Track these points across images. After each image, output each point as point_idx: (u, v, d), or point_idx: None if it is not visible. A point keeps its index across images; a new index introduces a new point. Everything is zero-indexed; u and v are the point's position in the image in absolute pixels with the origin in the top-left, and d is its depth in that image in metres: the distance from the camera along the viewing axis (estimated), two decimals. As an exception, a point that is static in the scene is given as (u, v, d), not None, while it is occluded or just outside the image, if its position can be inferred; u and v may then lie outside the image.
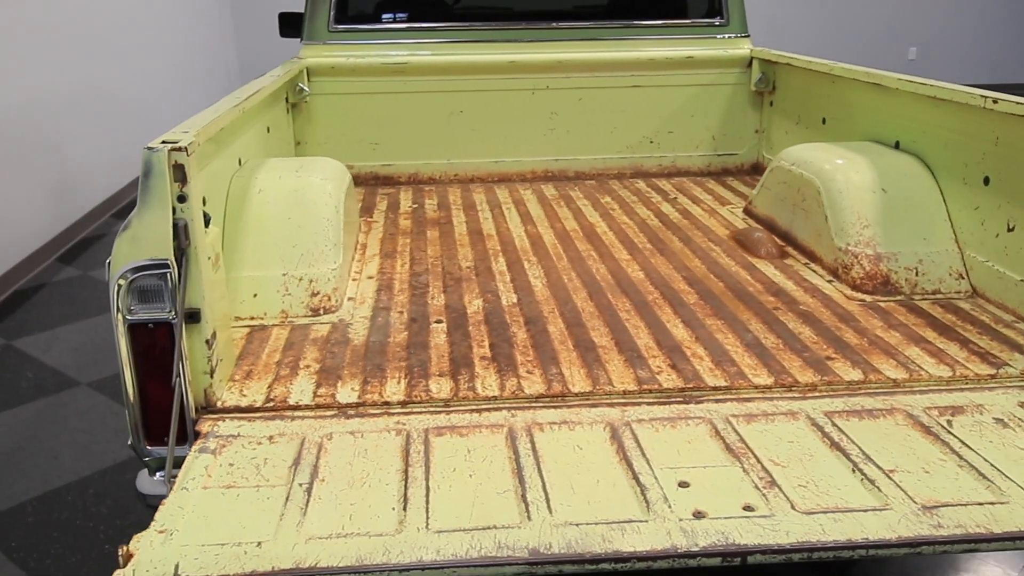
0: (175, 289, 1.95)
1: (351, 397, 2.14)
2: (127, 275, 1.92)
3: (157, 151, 1.90)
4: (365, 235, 3.46)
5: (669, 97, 4.33)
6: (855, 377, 2.21)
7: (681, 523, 1.63)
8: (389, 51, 4.22)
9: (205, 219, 2.12)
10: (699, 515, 1.65)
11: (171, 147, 1.92)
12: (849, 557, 1.56)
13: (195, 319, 2.02)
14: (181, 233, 1.94)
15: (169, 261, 1.93)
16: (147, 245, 1.93)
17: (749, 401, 2.11)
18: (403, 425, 2.01)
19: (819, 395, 2.13)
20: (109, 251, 4.17)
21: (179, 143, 1.94)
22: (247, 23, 10.88)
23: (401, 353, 2.38)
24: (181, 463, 1.88)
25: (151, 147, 1.91)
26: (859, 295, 2.73)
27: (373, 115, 4.27)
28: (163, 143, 1.94)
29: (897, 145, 3.13)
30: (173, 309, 1.96)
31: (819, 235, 2.99)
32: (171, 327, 1.96)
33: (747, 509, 1.67)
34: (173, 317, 1.96)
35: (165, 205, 1.93)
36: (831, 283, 2.84)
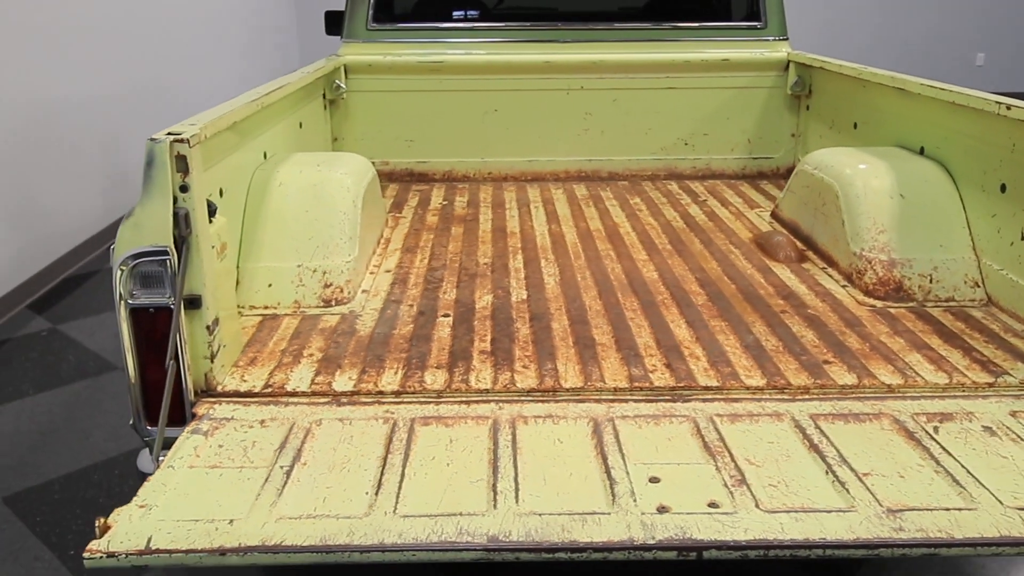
0: (175, 275, 2.03)
1: (347, 386, 2.20)
2: (128, 261, 2.00)
3: (159, 142, 1.98)
4: (391, 230, 3.53)
5: (705, 99, 4.33)
6: (849, 381, 2.20)
7: (643, 517, 1.65)
8: (425, 50, 4.29)
9: (211, 209, 2.20)
10: (663, 510, 1.68)
11: (173, 138, 2.00)
12: (806, 556, 1.57)
13: (196, 305, 2.09)
14: (182, 221, 2.02)
15: (169, 248, 2.01)
16: (148, 232, 2.01)
17: (737, 402, 2.12)
18: (392, 414, 2.06)
19: (809, 398, 2.13)
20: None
21: (182, 135, 2.02)
22: (310, 21, 11.05)
23: (403, 345, 2.43)
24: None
25: (154, 138, 1.99)
26: (871, 300, 2.72)
27: (409, 113, 4.33)
28: (168, 134, 2.02)
29: (922, 151, 3.10)
30: (173, 295, 2.03)
31: (836, 240, 2.97)
32: (171, 312, 2.04)
33: (712, 506, 1.69)
34: (173, 302, 2.03)
35: (166, 194, 2.00)
36: (845, 288, 2.82)
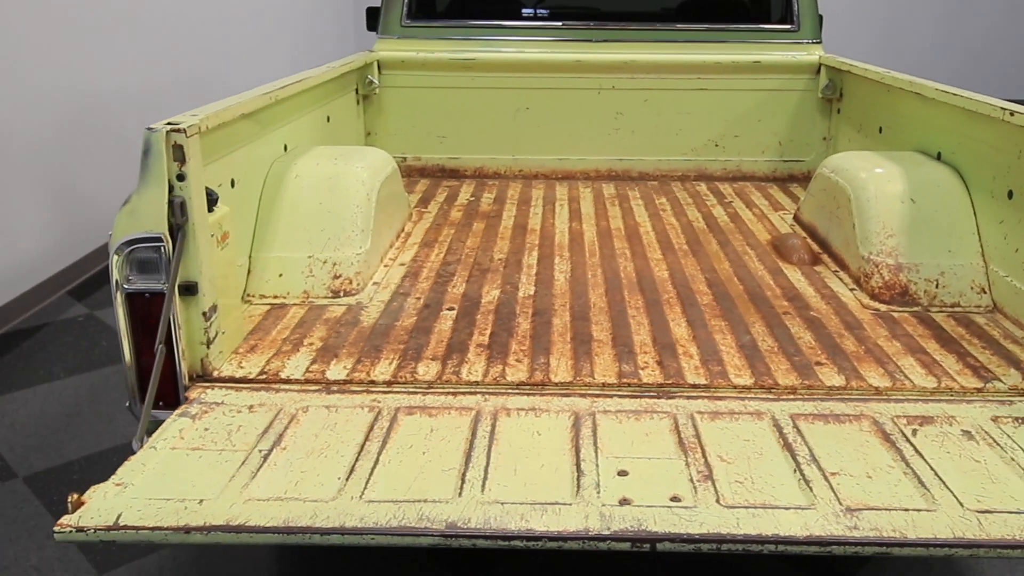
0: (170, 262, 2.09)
1: (340, 375, 2.25)
2: (123, 247, 2.07)
3: (155, 131, 2.05)
4: (414, 224, 3.58)
5: (736, 101, 4.31)
6: (837, 383, 2.20)
7: (603, 508, 1.67)
8: (459, 47, 4.33)
9: (212, 198, 2.26)
10: (624, 502, 1.69)
11: (170, 128, 2.06)
12: (758, 551, 1.58)
13: (192, 292, 2.16)
14: (177, 210, 2.08)
15: (163, 235, 2.07)
16: (143, 219, 2.07)
17: (721, 400, 2.12)
18: (378, 403, 2.11)
19: (794, 398, 2.13)
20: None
21: (180, 125, 2.08)
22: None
23: (403, 336, 2.47)
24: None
25: (151, 128, 2.05)
26: (875, 304, 2.70)
27: (441, 109, 4.38)
28: (167, 124, 2.09)
29: (939, 156, 3.07)
30: (167, 280, 2.10)
31: (848, 243, 2.96)
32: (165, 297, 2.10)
33: (673, 500, 1.71)
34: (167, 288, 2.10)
35: (161, 183, 2.07)
36: (853, 291, 2.80)
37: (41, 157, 4.64)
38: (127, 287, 2.10)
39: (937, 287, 2.71)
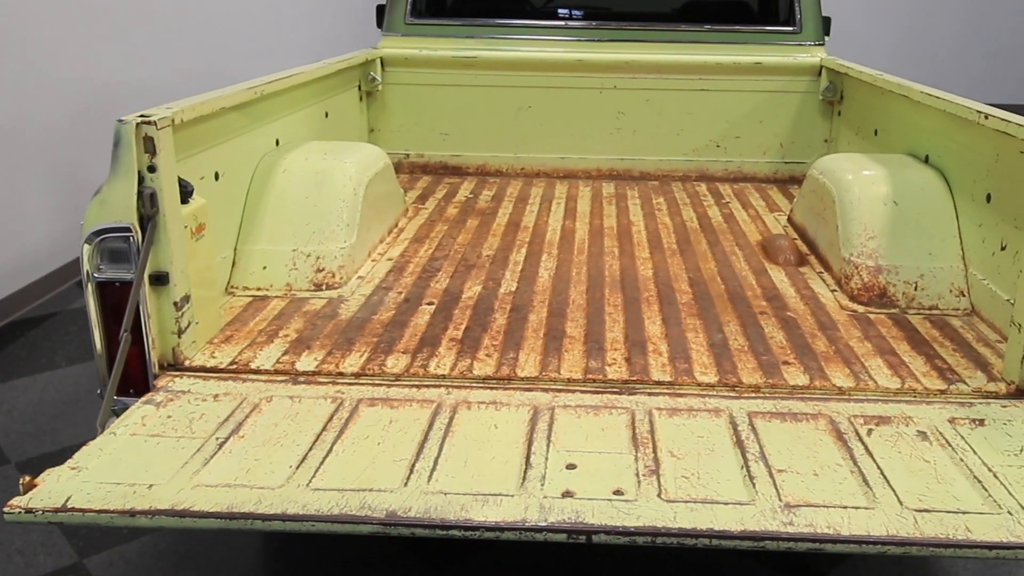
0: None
1: (309, 366, 2.28)
2: (92, 237, 2.11)
3: (126, 123, 2.09)
4: (409, 220, 3.61)
5: (737, 102, 4.31)
6: (800, 382, 2.20)
7: (543, 500, 1.69)
8: (461, 45, 4.36)
9: (187, 190, 2.30)
10: (567, 495, 1.71)
11: (140, 121, 2.10)
12: (692, 545, 1.60)
13: (162, 282, 2.20)
14: (147, 201, 2.12)
15: (132, 225, 2.11)
16: (113, 210, 2.12)
17: (682, 397, 2.13)
18: (342, 394, 2.14)
19: (755, 396, 2.14)
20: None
21: (151, 117, 2.12)
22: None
23: (378, 330, 2.50)
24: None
25: (122, 120, 2.10)
26: (854, 305, 2.70)
27: (444, 106, 4.41)
28: (139, 116, 2.13)
29: (927, 159, 3.06)
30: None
31: (832, 244, 2.95)
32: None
33: (616, 493, 1.72)
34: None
35: (131, 174, 2.11)
36: (834, 292, 2.80)
37: (51, 148, 4.72)
38: (97, 276, 2.15)
39: (916, 289, 2.70)
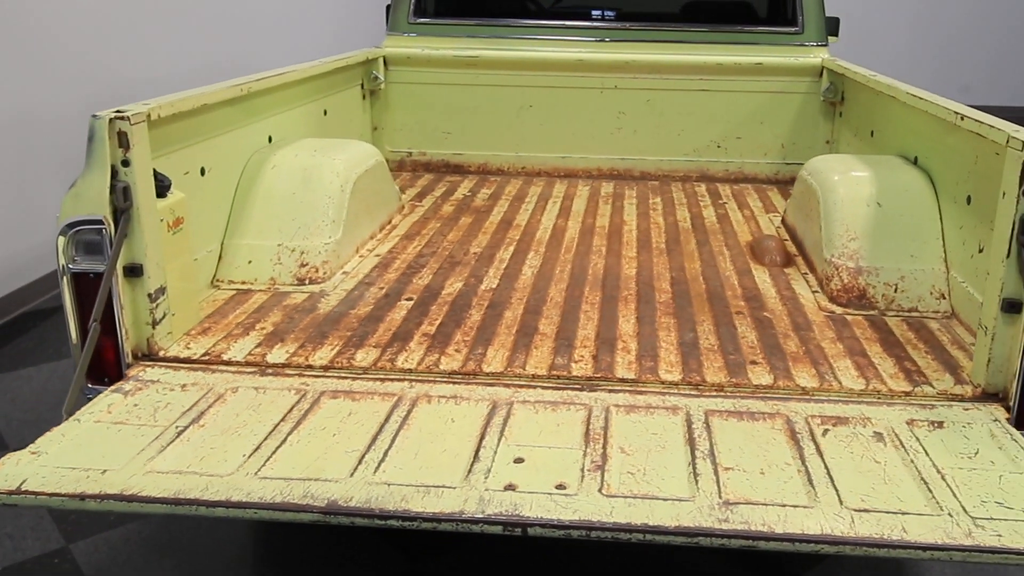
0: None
1: (280, 358, 2.32)
2: (67, 229, 2.16)
3: (99, 119, 2.14)
4: (403, 217, 3.64)
5: (738, 102, 4.31)
6: (764, 382, 2.21)
7: (485, 492, 1.72)
8: (463, 45, 4.39)
9: (164, 183, 2.35)
10: (509, 487, 1.73)
11: (114, 116, 2.15)
12: (627, 539, 1.61)
13: (136, 273, 2.24)
14: (120, 194, 2.17)
15: (104, 218, 2.16)
16: (86, 203, 2.16)
17: (642, 394, 2.15)
18: (306, 386, 2.17)
19: (716, 395, 2.15)
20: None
21: (125, 113, 2.17)
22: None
23: (353, 324, 2.54)
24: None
25: (96, 115, 2.14)
26: (832, 307, 2.69)
27: (446, 105, 4.45)
28: (114, 112, 2.18)
29: (916, 161, 3.05)
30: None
31: (816, 245, 2.95)
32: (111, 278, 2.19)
33: (558, 487, 1.74)
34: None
35: (104, 168, 2.16)
36: (815, 293, 2.80)
37: (63, 141, 4.81)
38: (72, 267, 2.20)
39: (896, 291, 2.69)
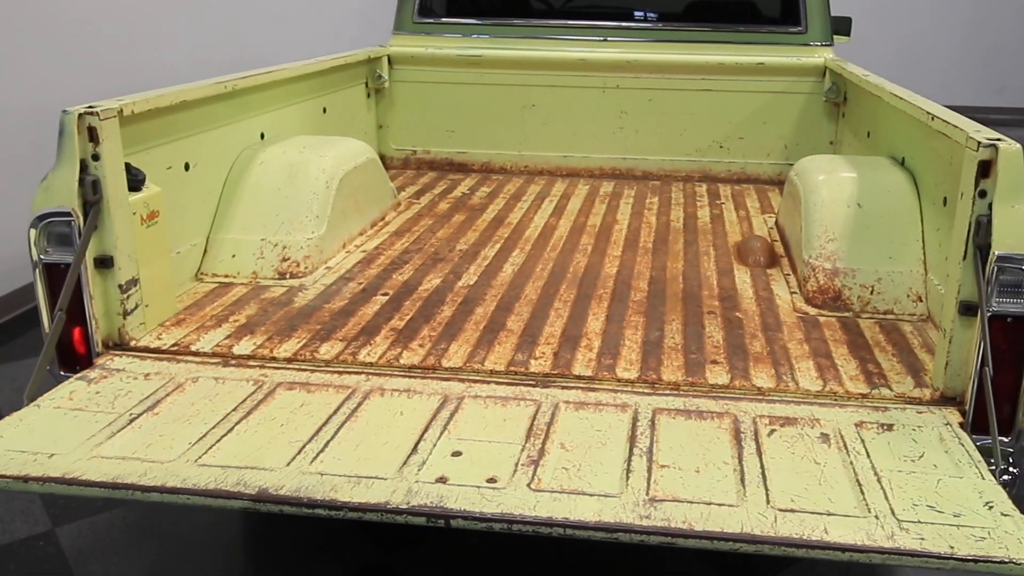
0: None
1: (246, 350, 2.36)
2: (37, 221, 2.23)
3: (69, 114, 2.20)
4: (397, 214, 3.68)
5: (741, 103, 4.29)
6: (721, 381, 2.22)
7: (414, 484, 1.74)
8: (467, 44, 4.43)
9: (139, 177, 2.40)
10: (441, 480, 1.76)
11: (83, 111, 2.21)
12: (547, 534, 1.63)
13: (107, 265, 2.30)
14: (89, 187, 2.23)
15: (73, 210, 2.22)
16: (56, 195, 2.22)
17: (595, 391, 2.16)
18: (265, 377, 2.21)
19: (669, 393, 2.16)
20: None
21: (95, 108, 2.23)
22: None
23: (324, 318, 2.58)
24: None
25: (66, 110, 2.20)
26: (807, 308, 2.69)
27: (450, 104, 4.48)
28: (87, 107, 2.24)
29: (903, 162, 3.02)
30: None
31: (798, 246, 2.94)
32: (81, 269, 2.25)
33: (489, 481, 1.76)
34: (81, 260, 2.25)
35: (73, 162, 2.21)
36: (793, 295, 2.80)
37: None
38: (44, 258, 2.26)
39: (872, 293, 2.68)
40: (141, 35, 5.39)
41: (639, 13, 4.41)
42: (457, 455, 1.86)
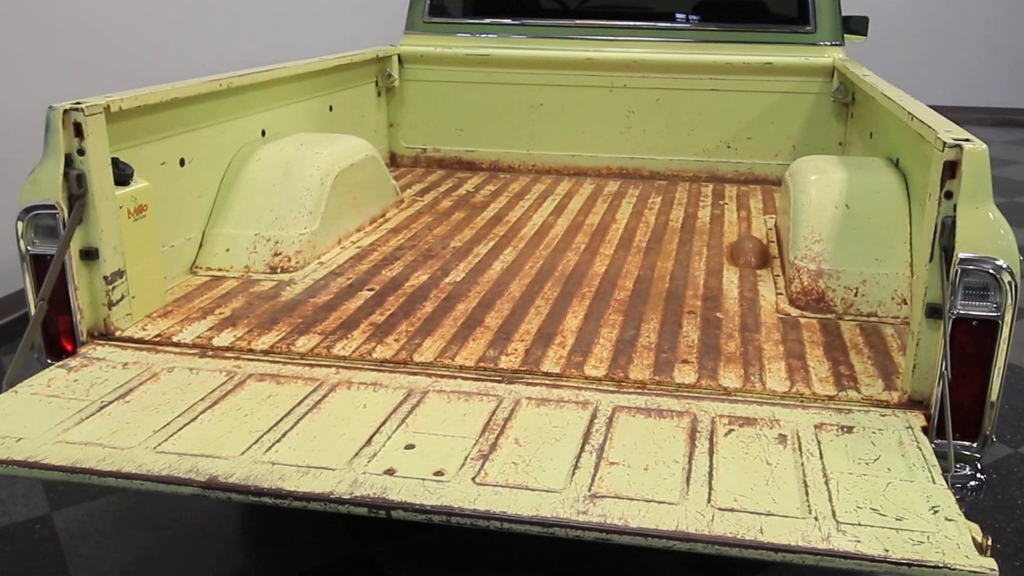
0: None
1: (225, 341, 2.41)
2: (24, 213, 2.29)
3: (54, 110, 2.26)
4: (399, 211, 3.72)
5: (749, 103, 4.28)
6: (688, 380, 2.22)
7: (360, 475, 1.78)
8: (476, 43, 4.46)
9: (126, 172, 2.47)
10: (389, 472, 1.79)
11: (68, 107, 2.27)
12: (485, 527, 1.66)
13: (92, 257, 2.37)
14: (74, 181, 2.29)
15: (57, 203, 2.28)
16: (42, 188, 2.29)
17: (559, 388, 2.18)
18: (238, 369, 2.26)
19: (633, 392, 2.17)
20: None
21: (80, 104, 2.29)
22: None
23: (307, 312, 2.62)
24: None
25: (52, 106, 2.27)
26: (789, 309, 2.68)
27: (459, 103, 4.52)
28: (73, 104, 2.30)
29: (897, 163, 3.01)
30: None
31: (787, 246, 2.94)
32: (66, 260, 2.32)
33: (437, 474, 1.79)
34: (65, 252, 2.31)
35: (58, 156, 2.28)
36: (778, 296, 2.79)
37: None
38: (31, 250, 2.33)
39: (856, 295, 2.67)
40: (166, 43, 5.49)
41: (647, 13, 4.41)
42: (410, 448, 1.89)
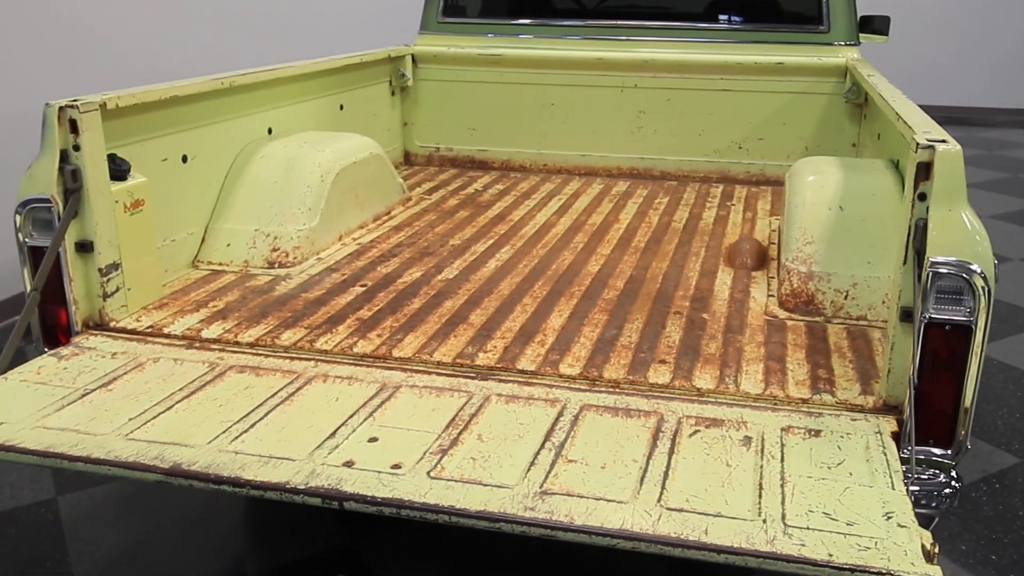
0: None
1: (214, 334, 2.47)
2: (21, 207, 2.37)
3: (50, 107, 2.34)
4: (404, 208, 3.77)
5: (760, 103, 4.26)
6: (661, 381, 2.24)
7: (318, 467, 1.81)
8: (488, 43, 4.49)
9: (121, 167, 2.53)
10: (347, 464, 1.83)
11: (64, 105, 2.34)
12: (434, 520, 1.69)
13: (87, 249, 2.44)
14: (69, 176, 2.36)
15: (52, 197, 2.35)
16: (37, 183, 2.37)
17: (531, 386, 2.21)
18: (221, 360, 2.32)
19: (603, 391, 2.18)
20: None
21: (76, 102, 2.36)
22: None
23: (297, 306, 2.67)
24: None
25: (48, 104, 2.34)
26: (777, 311, 2.68)
27: (471, 103, 4.56)
28: (70, 101, 2.37)
29: (896, 164, 2.99)
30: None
31: (781, 248, 2.94)
32: (62, 252, 2.39)
33: (394, 467, 1.82)
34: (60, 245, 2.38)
35: (53, 152, 2.35)
36: (770, 298, 2.79)
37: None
38: (29, 242, 2.40)
39: (846, 298, 2.66)
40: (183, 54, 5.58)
41: (659, 13, 4.41)
42: (373, 441, 1.93)
